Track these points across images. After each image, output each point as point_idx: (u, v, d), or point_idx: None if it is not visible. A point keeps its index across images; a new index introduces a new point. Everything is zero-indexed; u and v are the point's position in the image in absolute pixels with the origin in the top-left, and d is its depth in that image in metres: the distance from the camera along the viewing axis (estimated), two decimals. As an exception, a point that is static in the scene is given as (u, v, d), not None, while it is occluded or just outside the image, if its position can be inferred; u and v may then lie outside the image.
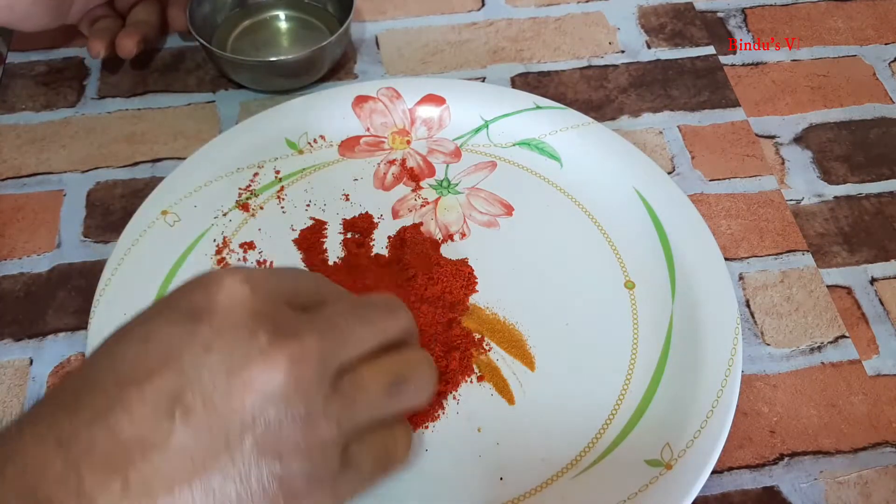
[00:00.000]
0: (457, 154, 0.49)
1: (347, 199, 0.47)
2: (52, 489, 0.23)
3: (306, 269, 0.44)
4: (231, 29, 0.55)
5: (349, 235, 0.45)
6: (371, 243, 0.45)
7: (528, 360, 0.40)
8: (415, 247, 0.44)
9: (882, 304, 0.44)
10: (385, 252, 0.44)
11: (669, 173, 0.49)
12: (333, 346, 0.27)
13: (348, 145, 0.49)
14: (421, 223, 0.45)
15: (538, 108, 0.50)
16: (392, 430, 0.30)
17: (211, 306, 0.27)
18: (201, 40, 0.50)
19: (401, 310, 0.31)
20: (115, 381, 0.25)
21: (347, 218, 0.46)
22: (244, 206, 0.46)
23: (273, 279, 0.29)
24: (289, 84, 0.52)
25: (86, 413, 0.25)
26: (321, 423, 0.26)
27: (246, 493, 0.25)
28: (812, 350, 0.42)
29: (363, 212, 0.46)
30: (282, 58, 0.51)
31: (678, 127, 0.52)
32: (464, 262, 0.44)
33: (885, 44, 0.57)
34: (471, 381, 0.40)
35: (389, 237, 0.45)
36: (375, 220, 0.46)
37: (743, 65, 0.56)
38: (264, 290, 0.28)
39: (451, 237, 0.45)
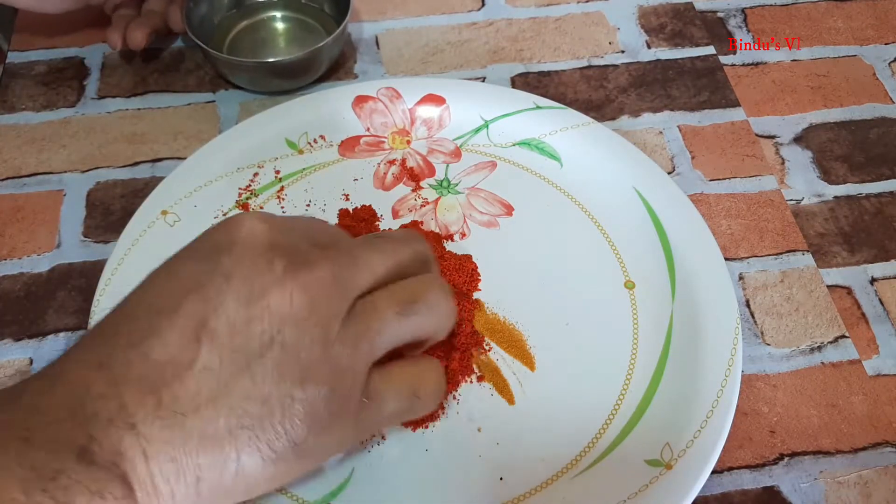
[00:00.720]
0: (457, 154, 0.49)
1: (347, 199, 0.47)
2: (97, 405, 0.25)
3: None
4: (228, 30, 0.55)
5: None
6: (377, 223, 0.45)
7: (528, 360, 0.40)
8: None
9: (882, 304, 0.44)
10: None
11: (669, 173, 0.49)
12: (346, 272, 0.29)
13: (348, 145, 0.49)
14: (421, 223, 0.45)
15: (538, 108, 0.50)
16: (418, 367, 0.32)
17: (232, 240, 0.29)
18: (198, 41, 0.50)
19: (415, 238, 0.32)
20: (146, 311, 0.28)
21: (350, 210, 0.46)
22: (244, 206, 0.46)
23: (290, 220, 0.31)
24: (287, 85, 0.52)
25: (122, 340, 0.27)
26: (337, 347, 0.28)
27: (268, 414, 0.27)
28: (812, 350, 0.42)
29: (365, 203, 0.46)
30: (279, 59, 0.51)
31: (678, 127, 0.52)
32: (468, 257, 0.44)
33: (885, 44, 0.57)
34: (471, 381, 0.40)
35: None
36: (378, 215, 0.46)
37: (743, 65, 0.56)
38: (281, 227, 0.30)
39: (451, 237, 0.45)
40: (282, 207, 0.46)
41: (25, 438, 0.24)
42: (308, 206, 0.46)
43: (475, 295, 0.43)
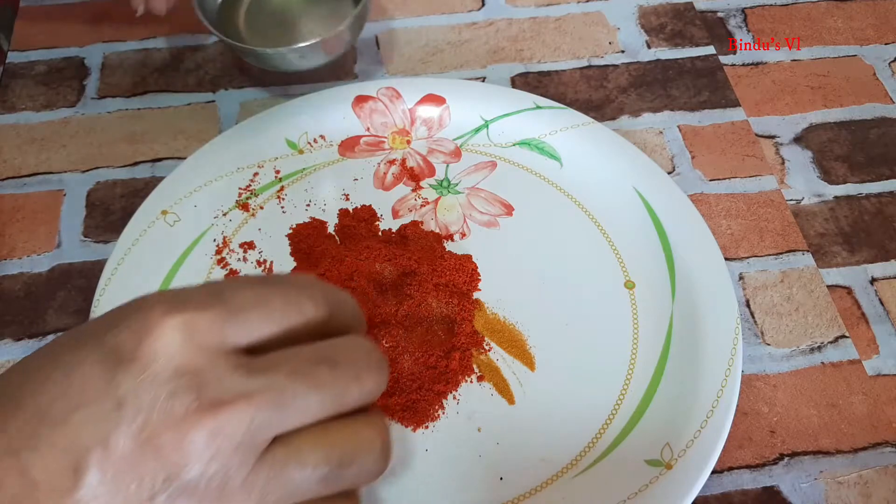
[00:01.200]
0: (457, 154, 0.49)
1: (347, 199, 0.47)
2: None
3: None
4: (236, 8, 0.52)
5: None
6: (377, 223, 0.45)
7: (528, 360, 0.40)
8: (418, 241, 0.44)
9: (882, 304, 0.44)
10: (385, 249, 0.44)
11: (669, 173, 0.49)
12: (269, 415, 0.24)
13: (348, 145, 0.49)
14: (421, 222, 0.45)
15: (538, 107, 0.50)
16: (346, 427, 0.27)
17: (135, 354, 0.25)
18: (220, 34, 0.47)
19: (375, 363, 0.26)
20: (34, 413, 0.24)
21: (350, 210, 0.46)
22: (244, 206, 0.46)
23: (220, 319, 0.25)
24: (316, 61, 0.49)
25: (2, 442, 0.24)
26: (239, 497, 0.24)
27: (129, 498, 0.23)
28: (812, 350, 0.42)
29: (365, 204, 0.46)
30: (324, 36, 0.47)
31: (678, 127, 0.52)
32: (468, 257, 0.44)
33: (885, 44, 0.57)
34: (471, 381, 0.40)
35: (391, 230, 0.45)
36: (378, 214, 0.46)
37: (743, 65, 0.56)
38: (201, 339, 0.25)
39: (451, 237, 0.45)
40: (282, 207, 0.46)
41: None
42: (308, 205, 0.46)
43: (475, 295, 0.43)
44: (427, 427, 0.38)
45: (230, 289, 0.26)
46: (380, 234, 0.45)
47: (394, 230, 0.45)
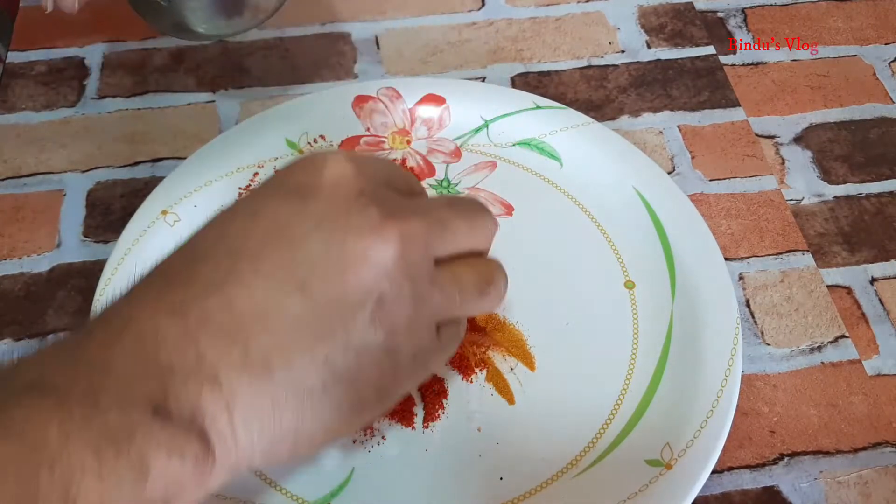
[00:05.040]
0: (457, 154, 0.49)
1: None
2: (173, 357, 0.24)
3: None
4: None
5: None
6: None
7: (528, 360, 0.40)
8: None
9: (882, 304, 0.44)
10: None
11: (669, 173, 0.49)
12: (437, 233, 0.28)
13: (348, 145, 0.49)
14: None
15: (538, 107, 0.50)
16: (462, 322, 0.32)
17: (318, 182, 0.27)
18: None
19: (490, 216, 0.32)
20: (226, 254, 0.26)
21: None
22: (244, 206, 0.46)
23: (373, 162, 0.29)
24: (244, 23, 0.46)
25: (198, 285, 0.25)
26: (427, 305, 0.27)
27: (357, 366, 0.26)
28: (812, 350, 0.42)
29: None
30: None
31: (678, 127, 0.52)
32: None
33: (885, 44, 0.57)
34: (471, 381, 0.40)
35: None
36: None
37: (743, 65, 0.56)
38: (368, 171, 0.28)
39: (451, 237, 0.45)
40: (282, 207, 0.46)
41: (92, 398, 0.22)
42: (308, 206, 0.46)
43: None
44: (427, 427, 0.38)
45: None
46: None
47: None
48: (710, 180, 0.49)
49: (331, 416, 0.26)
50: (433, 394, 0.39)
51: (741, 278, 0.45)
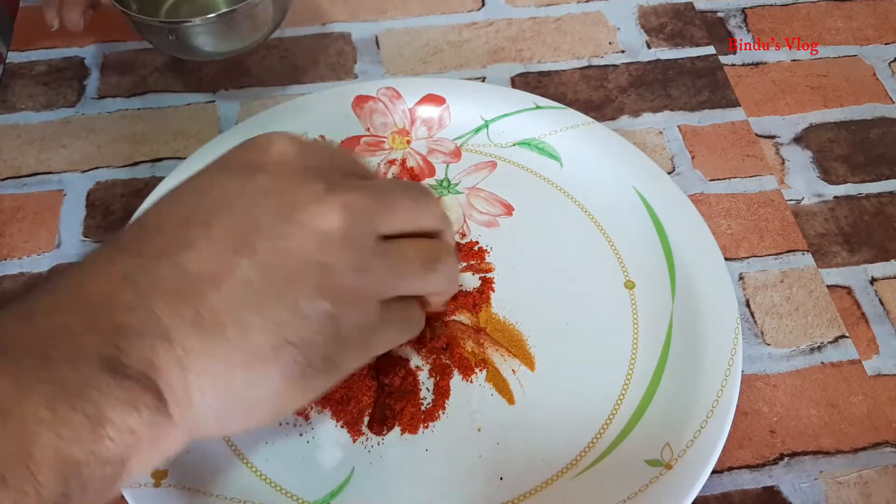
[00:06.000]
0: (457, 154, 0.49)
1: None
2: (125, 317, 0.24)
3: None
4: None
5: None
6: None
7: (528, 360, 0.40)
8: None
9: (882, 304, 0.44)
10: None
11: (669, 173, 0.49)
12: (381, 208, 0.29)
13: (348, 145, 0.49)
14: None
15: (538, 107, 0.50)
16: (412, 304, 0.32)
17: (265, 159, 0.28)
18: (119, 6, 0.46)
19: (435, 199, 0.32)
20: (175, 224, 0.27)
21: None
22: (244, 206, 0.46)
23: (320, 144, 0.31)
24: (225, 46, 0.48)
25: (149, 252, 0.26)
26: (370, 277, 0.28)
27: (305, 331, 0.26)
28: (812, 350, 0.42)
29: None
30: (238, 6, 0.46)
31: (678, 127, 0.52)
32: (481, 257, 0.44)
33: (885, 44, 0.57)
34: (471, 381, 0.40)
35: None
36: None
37: (743, 65, 0.56)
38: (314, 151, 0.29)
39: (451, 237, 0.45)
40: (282, 207, 0.46)
41: (44, 354, 0.23)
42: (308, 206, 0.46)
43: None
44: (427, 427, 0.38)
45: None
46: None
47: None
48: (710, 180, 0.49)
49: (280, 382, 0.26)
50: (439, 393, 0.39)
51: (741, 278, 0.45)
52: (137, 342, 0.24)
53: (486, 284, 0.43)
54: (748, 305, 0.44)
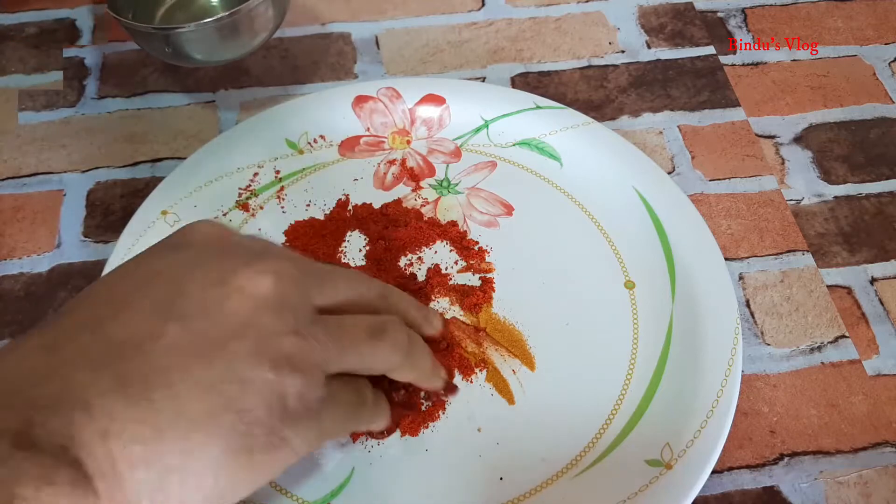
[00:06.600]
0: (457, 154, 0.49)
1: (347, 199, 0.47)
2: (39, 388, 0.23)
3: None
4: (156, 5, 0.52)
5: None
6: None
7: (528, 360, 0.40)
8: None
9: (882, 304, 0.44)
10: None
11: (669, 173, 0.49)
12: (314, 278, 0.29)
13: (348, 145, 0.49)
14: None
15: (538, 107, 0.50)
16: (363, 383, 0.31)
17: (190, 238, 0.29)
18: (116, 15, 0.46)
19: (372, 280, 0.32)
20: (104, 300, 0.26)
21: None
22: (244, 206, 0.46)
23: (243, 234, 0.31)
24: (224, 52, 0.48)
25: (71, 326, 0.25)
26: (310, 344, 0.27)
27: (243, 399, 0.25)
28: (812, 350, 0.42)
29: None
30: (236, 9, 0.45)
31: (678, 127, 0.52)
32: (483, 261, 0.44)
33: (885, 44, 0.57)
34: (471, 381, 0.40)
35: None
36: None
37: (743, 65, 0.56)
38: (237, 233, 0.30)
39: (451, 237, 0.45)
40: (282, 207, 0.46)
41: None
42: (308, 205, 0.46)
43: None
44: (427, 427, 0.38)
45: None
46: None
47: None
48: (710, 180, 0.49)
49: (220, 453, 0.24)
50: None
51: (741, 278, 0.45)
52: (53, 414, 0.23)
53: (487, 284, 0.43)
54: (748, 305, 0.44)
